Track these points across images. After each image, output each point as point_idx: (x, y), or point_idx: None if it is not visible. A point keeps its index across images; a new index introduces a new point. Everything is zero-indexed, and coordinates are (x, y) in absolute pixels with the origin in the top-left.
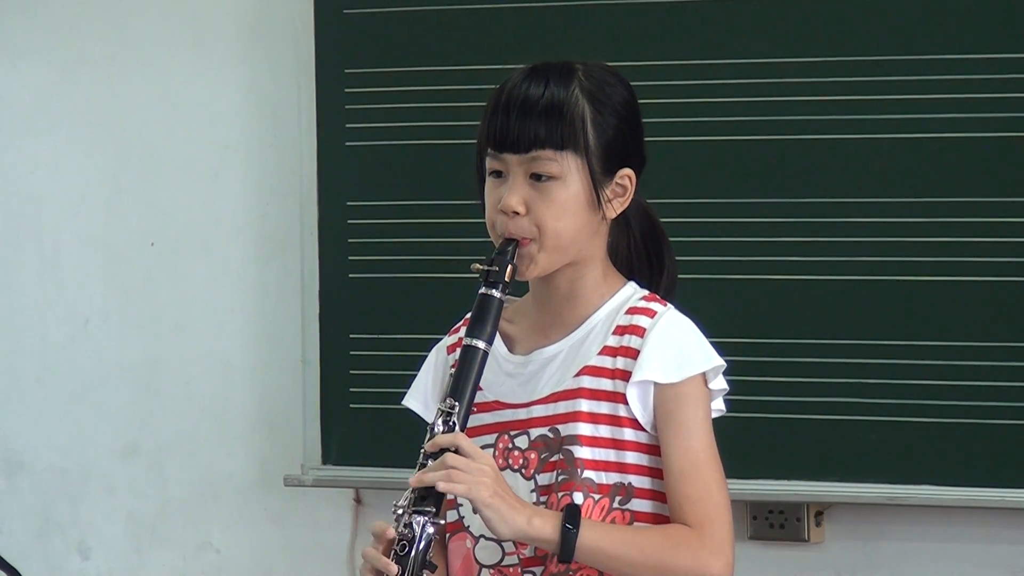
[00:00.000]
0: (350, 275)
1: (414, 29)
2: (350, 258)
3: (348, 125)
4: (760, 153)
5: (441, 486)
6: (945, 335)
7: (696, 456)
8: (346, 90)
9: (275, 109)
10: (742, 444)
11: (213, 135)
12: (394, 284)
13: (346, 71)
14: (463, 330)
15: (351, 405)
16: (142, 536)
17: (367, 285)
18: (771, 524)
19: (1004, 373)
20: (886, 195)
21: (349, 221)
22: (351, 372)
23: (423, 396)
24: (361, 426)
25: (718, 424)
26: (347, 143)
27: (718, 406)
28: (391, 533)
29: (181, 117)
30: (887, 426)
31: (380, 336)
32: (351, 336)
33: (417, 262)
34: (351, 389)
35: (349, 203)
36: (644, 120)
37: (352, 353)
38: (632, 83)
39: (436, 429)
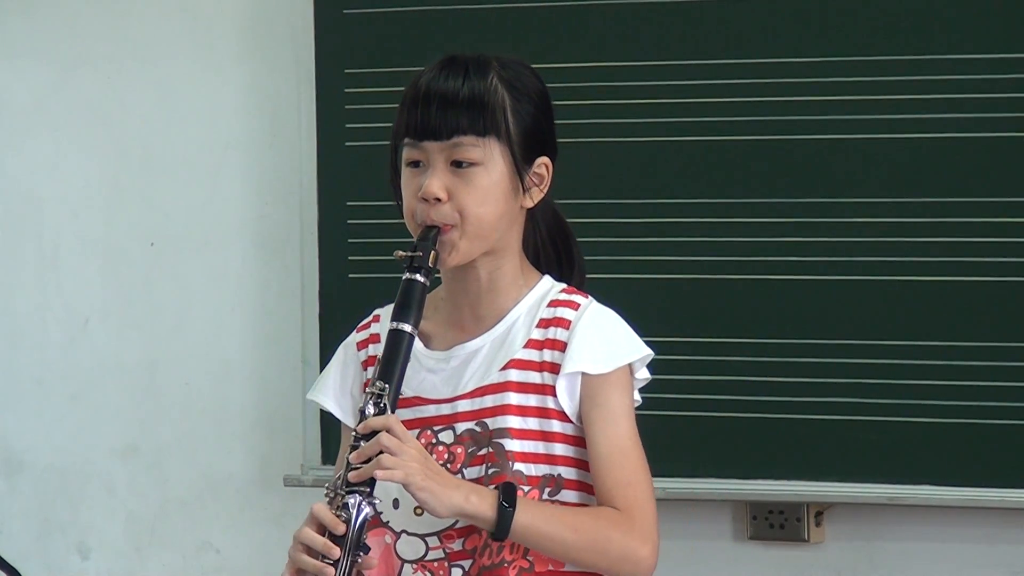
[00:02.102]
0: (350, 275)
1: (414, 29)
2: (350, 258)
3: (348, 125)
4: (768, 153)
5: (379, 475)
6: (945, 335)
7: (623, 442)
8: (346, 90)
9: (275, 109)
10: (742, 444)
11: (213, 135)
12: (394, 284)
13: (346, 71)
14: (373, 326)
15: None
16: (142, 536)
17: (367, 285)
18: (771, 524)
19: (1004, 373)
20: (888, 195)
21: (349, 221)
22: None
23: (333, 392)
24: None
25: (719, 424)
26: (347, 143)
27: (635, 396)
28: (341, 529)
29: (181, 117)
30: (887, 426)
31: None
32: None
33: None
34: None
35: (349, 203)
36: (645, 120)
37: None
38: (630, 83)
39: (367, 411)
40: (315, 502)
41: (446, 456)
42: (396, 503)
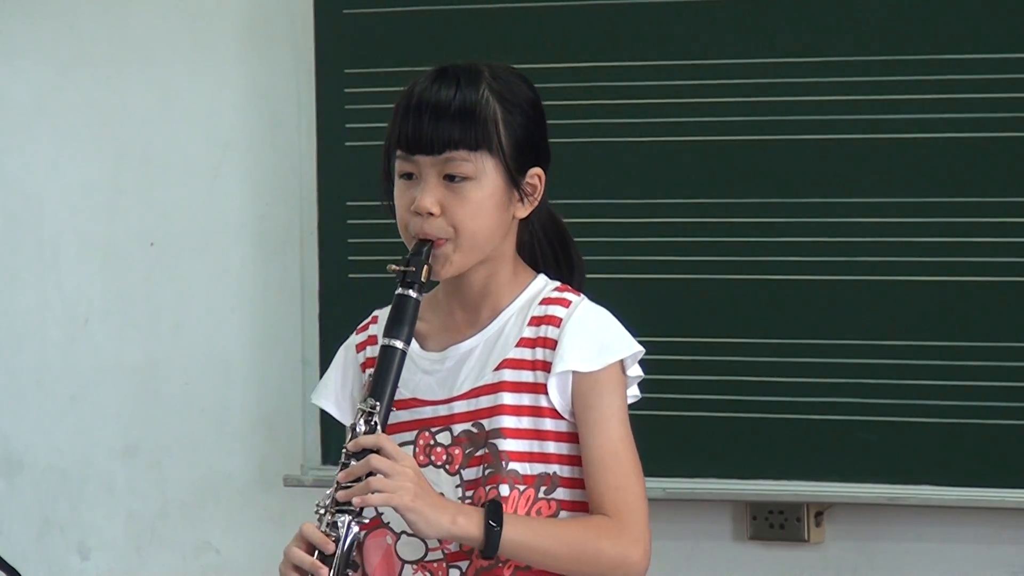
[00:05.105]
0: (350, 275)
1: (414, 29)
2: (350, 258)
3: (348, 125)
4: (769, 153)
5: (356, 501)
6: (945, 335)
7: (615, 446)
8: (346, 90)
9: (275, 109)
10: (742, 444)
11: (213, 135)
12: (394, 284)
13: (346, 71)
14: (371, 328)
15: None
16: (142, 536)
17: (367, 285)
18: (771, 524)
19: (1004, 373)
20: (887, 195)
21: (349, 221)
22: None
23: (334, 395)
24: None
25: (719, 424)
26: (347, 143)
27: (633, 392)
28: (331, 548)
29: (181, 117)
30: (887, 426)
31: None
32: None
33: None
34: None
35: (349, 203)
36: (644, 120)
37: None
38: (630, 83)
39: (358, 429)
40: (305, 522)
41: (444, 457)
42: None
